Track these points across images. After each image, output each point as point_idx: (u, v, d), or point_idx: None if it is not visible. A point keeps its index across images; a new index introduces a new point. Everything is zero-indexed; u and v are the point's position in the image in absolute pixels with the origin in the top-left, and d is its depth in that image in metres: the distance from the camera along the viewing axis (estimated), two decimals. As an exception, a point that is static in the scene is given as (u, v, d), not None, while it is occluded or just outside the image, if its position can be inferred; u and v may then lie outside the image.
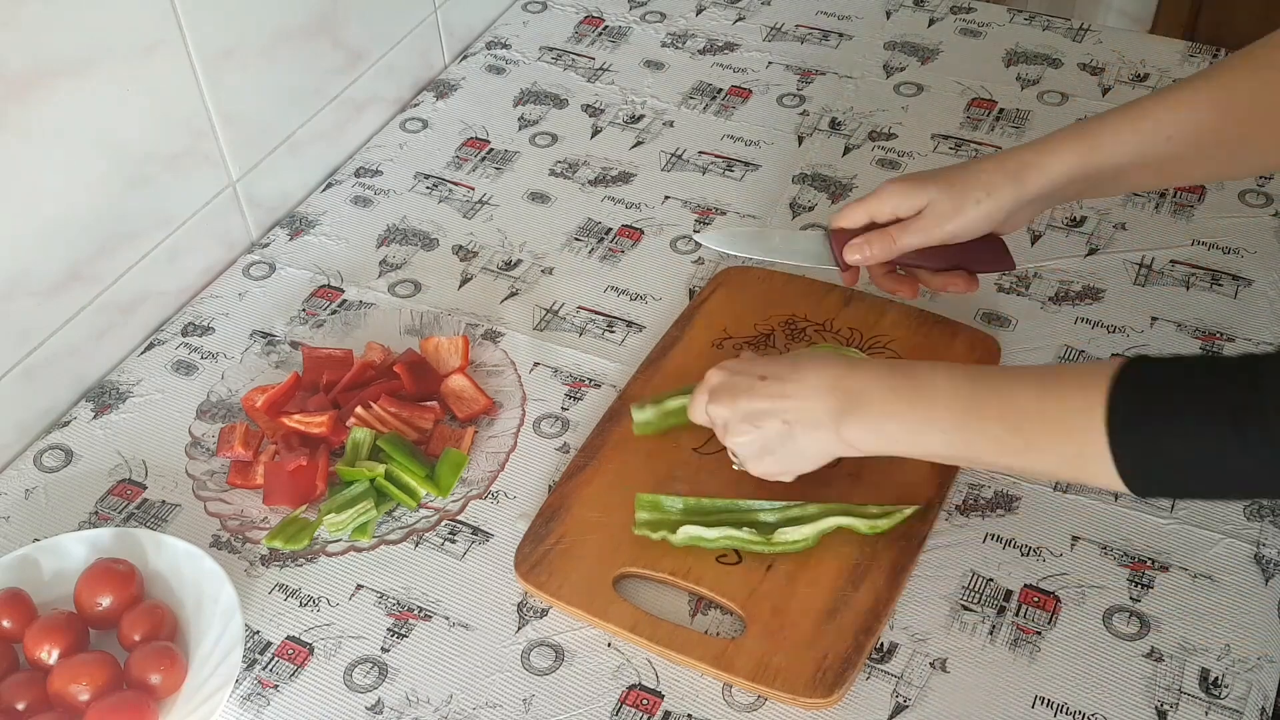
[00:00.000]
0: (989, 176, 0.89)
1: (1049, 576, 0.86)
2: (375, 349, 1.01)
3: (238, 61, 1.08)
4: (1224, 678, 0.80)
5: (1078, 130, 0.88)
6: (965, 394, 0.78)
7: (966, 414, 0.78)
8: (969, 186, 0.89)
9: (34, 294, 0.96)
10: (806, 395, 0.82)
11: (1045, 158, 0.88)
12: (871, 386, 0.81)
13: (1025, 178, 0.88)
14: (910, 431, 0.80)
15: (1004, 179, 0.89)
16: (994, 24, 1.38)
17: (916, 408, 0.80)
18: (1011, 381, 0.78)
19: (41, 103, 0.91)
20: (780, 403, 0.83)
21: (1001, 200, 0.89)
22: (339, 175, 1.23)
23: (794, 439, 0.83)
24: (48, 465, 0.98)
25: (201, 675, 0.81)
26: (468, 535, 0.91)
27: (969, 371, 0.80)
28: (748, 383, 0.85)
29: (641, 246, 1.13)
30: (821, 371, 0.83)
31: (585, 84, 1.33)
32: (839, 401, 0.81)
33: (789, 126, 1.26)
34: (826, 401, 0.82)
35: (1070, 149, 0.88)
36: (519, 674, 0.83)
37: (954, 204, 0.89)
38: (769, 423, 0.83)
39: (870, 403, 0.81)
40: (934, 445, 0.80)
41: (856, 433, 0.81)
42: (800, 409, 0.82)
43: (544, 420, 0.99)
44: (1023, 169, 0.88)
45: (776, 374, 0.84)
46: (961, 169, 0.91)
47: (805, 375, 0.83)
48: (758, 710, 0.80)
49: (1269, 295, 1.05)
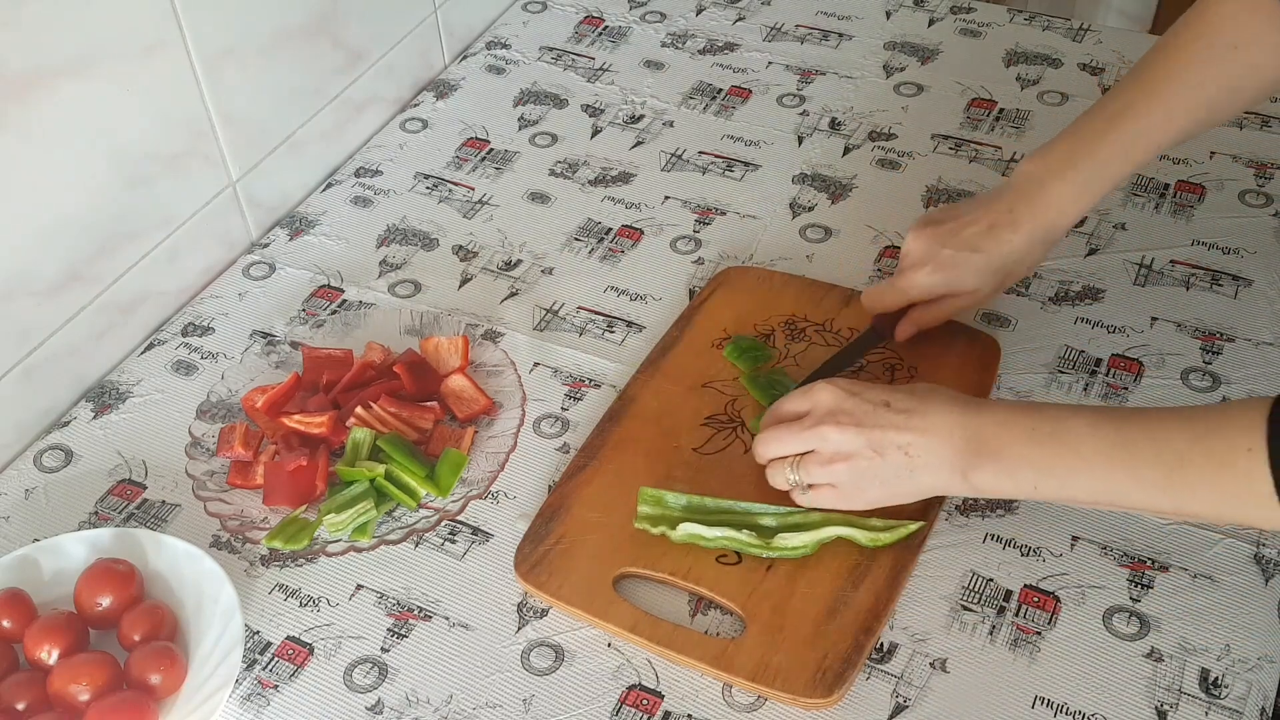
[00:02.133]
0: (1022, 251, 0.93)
1: (1049, 576, 0.86)
2: (375, 349, 1.01)
3: (238, 61, 1.08)
4: (1224, 678, 0.80)
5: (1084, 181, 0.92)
6: (1111, 438, 0.76)
7: (1113, 459, 0.76)
8: (1008, 266, 0.93)
9: (34, 294, 0.96)
10: (933, 432, 0.80)
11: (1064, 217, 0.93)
12: (1003, 429, 0.79)
13: (1051, 238, 0.94)
14: (1050, 477, 0.78)
15: (1035, 247, 0.93)
16: (994, 24, 1.38)
17: (1059, 453, 0.77)
18: (1159, 424, 0.76)
19: (41, 103, 0.91)
20: (904, 434, 0.80)
21: (1036, 262, 0.95)
22: (339, 175, 1.23)
23: (913, 475, 0.81)
24: (48, 465, 0.98)
25: (201, 675, 0.81)
26: (468, 535, 0.91)
27: (1107, 414, 0.78)
28: (872, 407, 0.82)
29: (641, 246, 1.13)
30: (947, 409, 0.81)
31: (585, 84, 1.33)
32: (967, 443, 0.79)
33: (789, 126, 1.26)
34: (954, 442, 0.80)
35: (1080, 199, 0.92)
36: (519, 674, 0.83)
37: (999, 283, 0.94)
38: (892, 453, 0.81)
39: (1002, 446, 0.79)
40: (1077, 491, 0.78)
41: (986, 477, 0.79)
42: (925, 445, 0.80)
43: (544, 420, 0.99)
44: (1048, 233, 0.93)
45: (901, 403, 0.82)
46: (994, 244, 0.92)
47: (931, 411, 0.81)
48: (758, 710, 0.80)
49: (1269, 295, 1.05)
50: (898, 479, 0.82)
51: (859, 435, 0.81)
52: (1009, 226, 0.92)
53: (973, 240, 0.93)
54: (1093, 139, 0.92)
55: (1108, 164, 0.92)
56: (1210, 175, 1.16)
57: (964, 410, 0.81)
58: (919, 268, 0.94)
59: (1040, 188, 0.92)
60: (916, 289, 0.94)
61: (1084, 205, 0.93)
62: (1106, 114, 0.92)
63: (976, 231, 0.93)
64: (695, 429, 0.95)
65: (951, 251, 0.93)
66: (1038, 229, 0.92)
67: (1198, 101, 0.91)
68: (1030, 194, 0.93)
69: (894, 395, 0.83)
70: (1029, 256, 0.94)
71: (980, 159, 1.20)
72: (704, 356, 1.01)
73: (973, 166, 1.19)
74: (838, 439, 0.82)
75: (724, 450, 0.94)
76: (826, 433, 0.82)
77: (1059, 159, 0.93)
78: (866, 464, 0.82)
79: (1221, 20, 0.89)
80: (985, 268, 0.93)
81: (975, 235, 0.93)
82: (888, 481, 0.82)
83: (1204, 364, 0.99)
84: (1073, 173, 0.92)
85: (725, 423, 0.96)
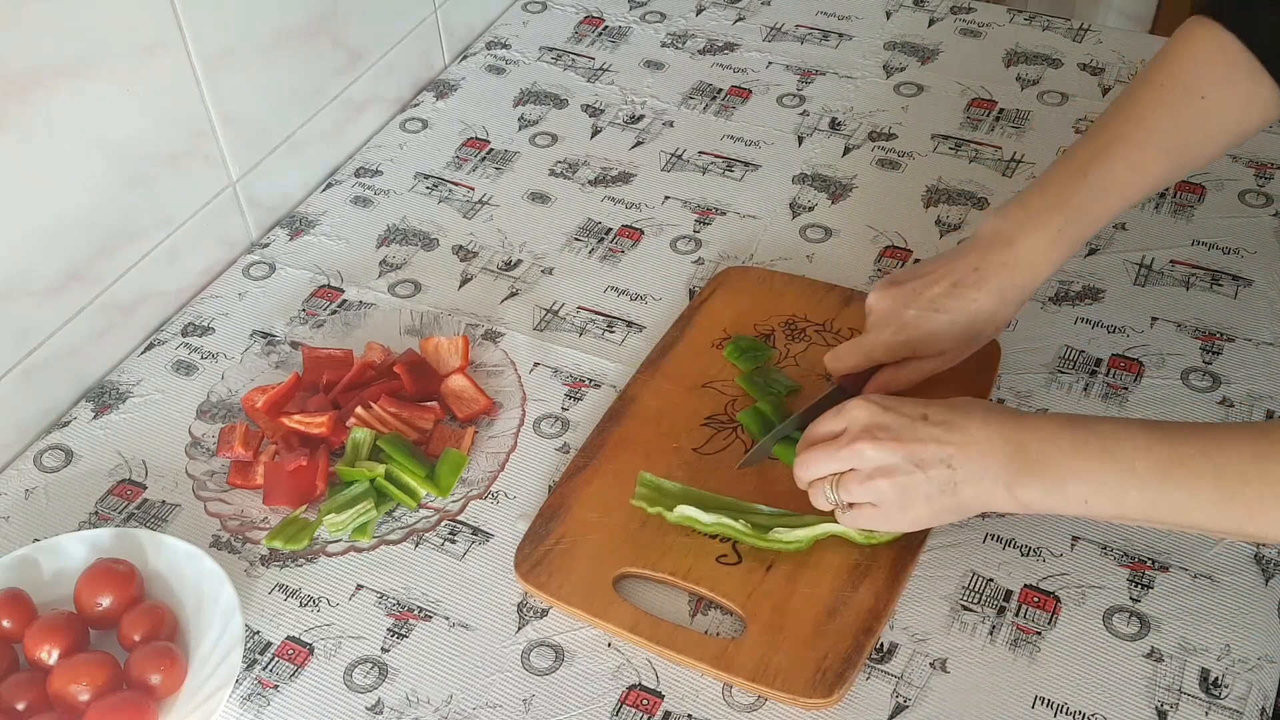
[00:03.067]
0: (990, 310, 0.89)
1: (1049, 576, 0.86)
2: (375, 349, 1.01)
3: (238, 61, 1.08)
4: (1224, 678, 0.80)
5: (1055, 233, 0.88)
6: (1167, 455, 0.74)
7: (1169, 477, 0.74)
8: (975, 326, 0.89)
9: (34, 294, 0.96)
10: (975, 445, 0.78)
11: (1035, 272, 0.89)
12: (1051, 444, 0.77)
13: (1021, 296, 0.90)
14: (1102, 493, 0.76)
15: (1003, 306, 0.89)
16: (994, 24, 1.38)
17: (1110, 469, 0.75)
18: (1218, 442, 0.74)
19: (41, 103, 0.91)
20: (945, 448, 0.78)
21: (1004, 321, 0.91)
22: (339, 175, 1.23)
23: (957, 491, 0.78)
24: (48, 465, 0.98)
25: (201, 675, 0.81)
26: (468, 535, 0.91)
27: (1162, 429, 0.76)
28: (909, 421, 0.79)
29: (641, 247, 1.13)
30: (988, 421, 0.79)
31: (585, 84, 1.33)
32: (1012, 457, 0.77)
33: (789, 126, 1.26)
34: (998, 456, 0.77)
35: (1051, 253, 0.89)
36: (519, 674, 0.83)
37: (966, 344, 0.91)
38: (933, 467, 0.78)
39: (1051, 461, 0.76)
40: (1130, 508, 0.76)
41: (1034, 493, 0.77)
42: (968, 459, 0.78)
43: (544, 420, 0.99)
44: (1018, 291, 0.89)
45: (939, 416, 0.79)
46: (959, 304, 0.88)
47: (971, 424, 0.79)
48: (758, 710, 0.80)
49: (1269, 295, 1.05)
50: (941, 494, 0.79)
51: (897, 450, 0.79)
52: (974, 285, 0.88)
53: (937, 300, 0.88)
54: (1063, 189, 0.89)
55: (1080, 213, 0.89)
56: (1210, 175, 1.16)
57: (1006, 422, 0.78)
58: (882, 328, 0.90)
59: (1007, 244, 0.88)
60: (880, 350, 0.90)
61: (1056, 259, 0.89)
62: (1074, 165, 0.89)
63: (940, 291, 0.89)
64: (695, 429, 0.95)
65: (916, 312, 0.89)
66: (1006, 286, 0.89)
67: (1167, 147, 0.89)
68: (998, 251, 0.89)
69: (931, 408, 0.80)
70: (997, 315, 0.89)
71: (980, 159, 1.20)
72: (704, 356, 1.01)
73: (973, 166, 1.19)
74: (875, 455, 0.79)
75: (724, 450, 0.94)
76: (863, 449, 0.80)
77: (1027, 213, 0.89)
78: (907, 479, 0.79)
79: (1192, 66, 0.88)
80: (949, 329, 0.89)
81: (939, 295, 0.89)
82: (931, 497, 0.79)
83: (1204, 364, 0.99)
84: (1044, 226, 0.88)
85: (725, 423, 0.96)
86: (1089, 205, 0.89)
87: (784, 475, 0.91)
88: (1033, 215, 0.89)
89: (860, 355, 0.91)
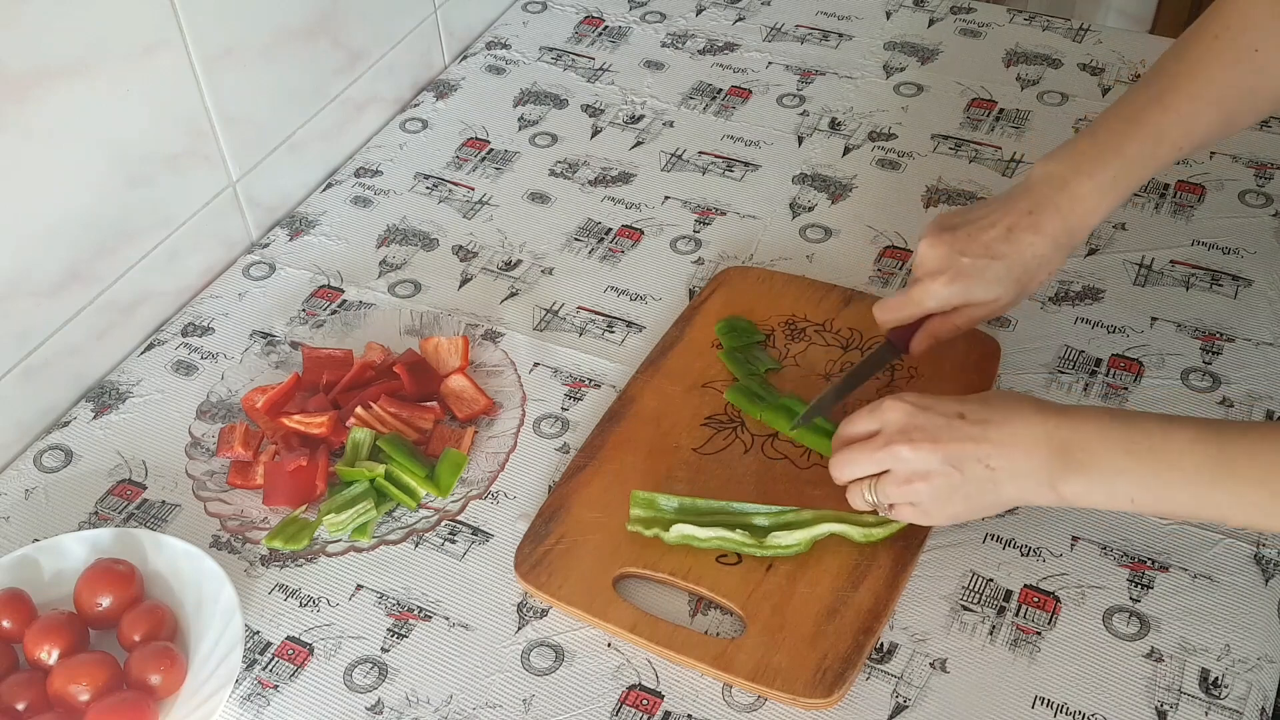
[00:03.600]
0: (1045, 255, 0.87)
1: (1049, 576, 0.86)
2: (375, 349, 1.01)
3: (238, 61, 1.08)
4: (1224, 678, 0.80)
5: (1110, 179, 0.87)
6: (1214, 455, 0.74)
7: (1216, 479, 0.74)
8: (1030, 272, 0.88)
9: (34, 294, 0.96)
10: (1015, 443, 0.77)
11: (1089, 218, 0.87)
12: (1095, 440, 0.76)
13: (1073, 241, 0.88)
14: (1147, 491, 0.76)
15: (1057, 251, 0.88)
16: (994, 24, 1.38)
17: (1157, 468, 0.75)
18: (1265, 443, 0.73)
19: (41, 103, 0.91)
20: (983, 447, 0.78)
21: (1056, 268, 0.89)
22: (339, 175, 1.23)
23: (997, 488, 0.78)
24: (48, 465, 0.98)
25: (201, 675, 0.81)
26: (468, 535, 0.91)
27: (1208, 428, 0.75)
28: (945, 421, 0.79)
29: (641, 247, 1.13)
30: (1027, 417, 0.78)
31: (585, 84, 1.33)
32: (1055, 454, 0.77)
33: (789, 126, 1.26)
34: (1039, 453, 0.77)
35: (1105, 199, 0.87)
36: (519, 674, 0.83)
37: (1019, 291, 0.89)
38: (972, 467, 0.78)
39: (1096, 458, 0.76)
40: (1175, 507, 0.77)
41: (1078, 489, 0.77)
42: (1008, 456, 0.77)
43: (544, 420, 0.99)
44: (1071, 235, 0.88)
45: (975, 414, 0.79)
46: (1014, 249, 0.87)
47: (1010, 421, 0.78)
48: (757, 710, 0.80)
49: (1269, 295, 1.05)
50: (980, 493, 0.79)
51: (935, 452, 0.78)
52: (1031, 229, 0.86)
53: (992, 246, 0.87)
54: (1117, 136, 0.87)
55: (1134, 161, 0.87)
56: (1210, 175, 1.16)
57: (1047, 418, 0.78)
58: (935, 277, 0.88)
59: (1063, 187, 0.87)
60: (933, 300, 0.88)
61: (1110, 204, 0.87)
62: (1128, 112, 0.88)
63: (995, 236, 0.87)
64: (695, 429, 0.95)
65: (970, 260, 0.87)
66: (1061, 231, 0.87)
67: (1218, 100, 0.88)
68: (1052, 194, 0.87)
69: (967, 406, 0.79)
70: (1050, 261, 0.88)
71: (980, 159, 1.20)
72: (704, 357, 1.01)
73: (973, 166, 1.19)
74: (912, 458, 0.79)
75: (723, 450, 0.94)
76: (901, 451, 0.79)
77: (1082, 157, 0.88)
78: (945, 481, 0.79)
79: (1243, 21, 0.87)
80: (1006, 275, 0.87)
81: (994, 240, 0.87)
82: (970, 497, 0.79)
83: (1204, 364, 0.99)
84: (1099, 170, 0.86)
85: (725, 423, 0.96)
86: (1142, 154, 0.87)
87: (783, 474, 0.92)
88: (1087, 160, 0.87)
89: (911, 306, 0.90)
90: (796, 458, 0.93)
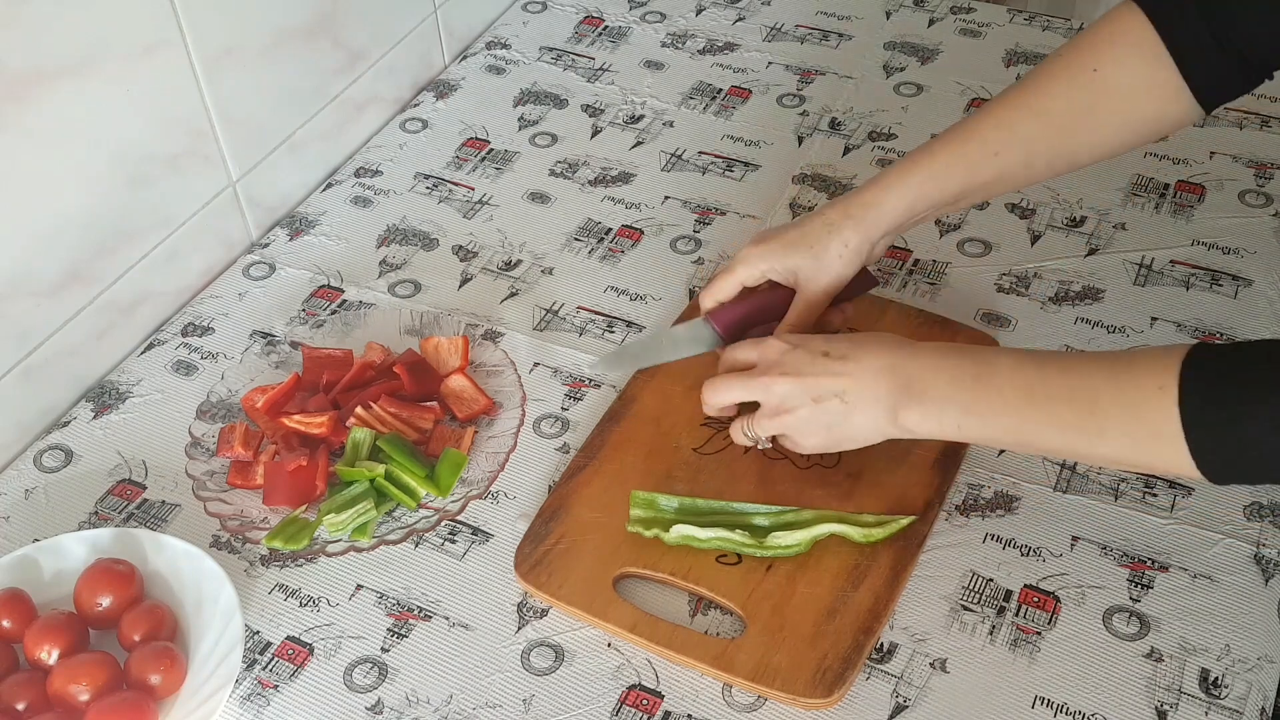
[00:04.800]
0: (840, 229, 0.91)
1: (1049, 576, 0.86)
2: (375, 349, 1.01)
3: (238, 61, 1.08)
4: (1224, 678, 0.80)
5: (912, 163, 0.91)
6: (1032, 378, 0.77)
7: (1032, 398, 0.77)
8: (827, 243, 0.91)
9: (34, 294, 0.96)
10: (865, 375, 0.82)
11: (885, 196, 0.91)
12: (930, 371, 0.81)
13: (870, 220, 0.91)
14: (971, 416, 0.79)
15: (853, 227, 0.91)
16: (994, 24, 1.38)
17: (979, 394, 0.79)
18: (1080, 365, 0.77)
19: (41, 103, 0.91)
20: (840, 380, 0.82)
21: (858, 246, 0.92)
22: (339, 175, 1.23)
23: (849, 418, 0.83)
24: (48, 465, 0.98)
25: (201, 675, 0.81)
26: (468, 535, 0.91)
27: (1033, 356, 0.79)
28: (811, 358, 0.84)
29: (641, 246, 1.13)
30: (880, 353, 0.83)
31: (585, 84, 1.33)
32: (897, 385, 0.81)
33: (789, 126, 1.26)
34: (885, 384, 0.81)
35: (906, 185, 0.91)
36: (519, 674, 0.83)
37: (819, 263, 0.91)
38: (829, 401, 0.83)
39: (929, 387, 0.80)
40: (996, 431, 0.80)
41: (914, 418, 0.81)
42: (859, 389, 0.82)
43: (544, 420, 0.99)
44: (866, 212, 0.91)
45: (839, 351, 0.84)
46: (812, 226, 0.91)
47: (865, 355, 0.83)
48: (758, 710, 0.80)
49: (1269, 295, 1.05)
50: (837, 424, 0.83)
51: (798, 384, 0.83)
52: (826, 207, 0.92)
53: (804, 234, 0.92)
54: (933, 145, 0.91)
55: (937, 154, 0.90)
56: (1210, 175, 1.16)
57: (896, 352, 0.82)
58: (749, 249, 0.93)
59: (862, 191, 0.92)
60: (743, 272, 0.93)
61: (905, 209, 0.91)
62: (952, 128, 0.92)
63: (798, 222, 0.93)
64: (695, 429, 0.95)
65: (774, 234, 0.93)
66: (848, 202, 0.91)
67: (1042, 110, 0.89)
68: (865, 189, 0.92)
69: (833, 344, 0.84)
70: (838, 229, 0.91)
71: (980, 159, 1.20)
72: (704, 357, 1.01)
73: (973, 166, 1.19)
74: (781, 391, 0.84)
75: (723, 450, 0.94)
76: (770, 384, 0.84)
77: (892, 167, 0.92)
78: (807, 412, 0.83)
79: (1095, 41, 0.88)
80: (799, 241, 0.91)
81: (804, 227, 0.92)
82: (830, 427, 0.83)
83: (1204, 364, 0.99)
84: (904, 178, 0.91)
85: (725, 423, 0.96)
86: (951, 149, 0.91)
87: (783, 474, 0.92)
88: (895, 169, 0.92)
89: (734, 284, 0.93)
90: (797, 457, 0.92)
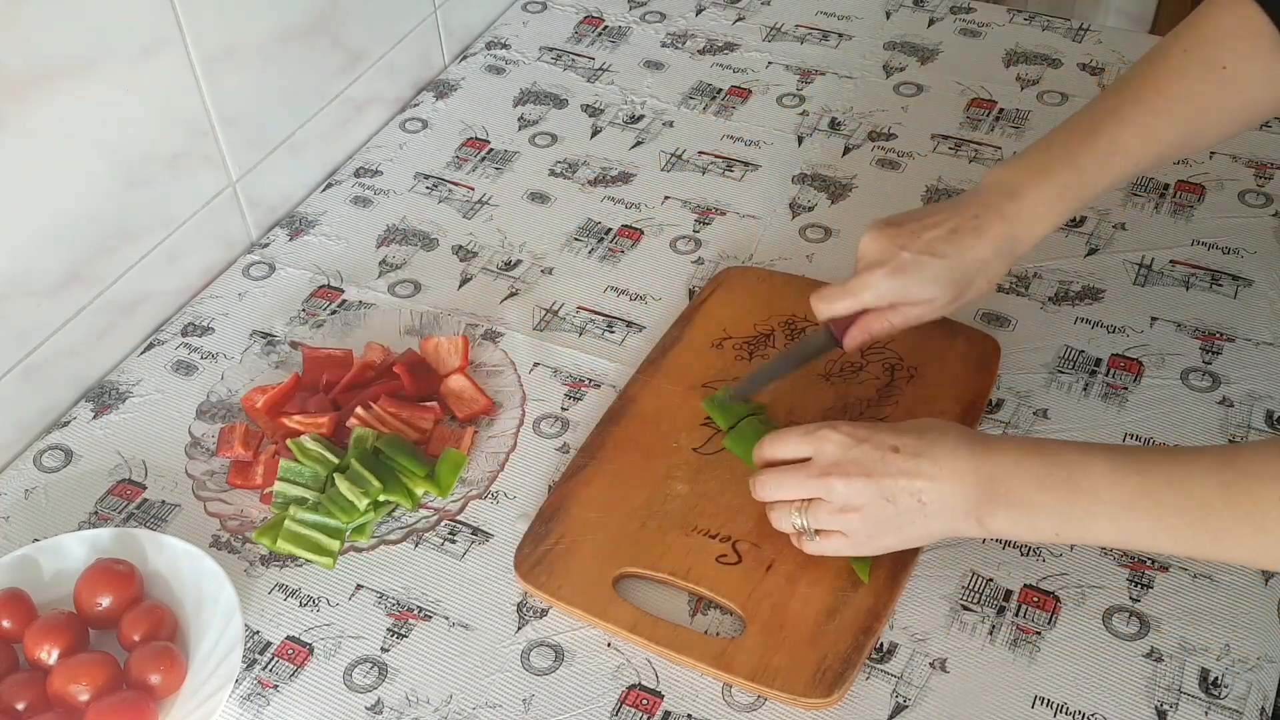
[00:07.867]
0: (992, 266, 0.88)
1: (1049, 576, 0.86)
2: (375, 349, 1.01)
3: (238, 61, 1.08)
4: (1224, 678, 0.80)
5: (1060, 189, 0.87)
6: (1133, 484, 0.73)
7: (1135, 506, 0.73)
8: (978, 284, 0.88)
9: (34, 294, 0.96)
10: (944, 477, 0.78)
11: (1036, 227, 0.88)
12: (1013, 473, 0.77)
13: (1016, 250, 0.89)
14: (1070, 523, 0.76)
15: (999, 258, 0.88)
16: (994, 24, 1.38)
17: (1075, 501, 0.75)
18: (1183, 469, 0.73)
19: (41, 103, 0.91)
20: (915, 481, 0.78)
21: (997, 276, 0.90)
22: (339, 175, 1.23)
23: (926, 520, 0.79)
24: (48, 465, 0.98)
25: (201, 675, 0.81)
26: (468, 535, 0.91)
27: (1127, 456, 0.75)
28: (880, 455, 0.79)
29: (641, 246, 1.13)
30: (957, 452, 0.78)
31: (585, 84, 1.33)
32: (981, 489, 0.77)
33: (789, 126, 1.26)
34: (966, 487, 0.77)
35: (1053, 209, 0.88)
36: (519, 674, 0.83)
37: (957, 294, 0.88)
38: (904, 500, 0.78)
39: (1014, 490, 0.76)
40: (1100, 535, 0.77)
41: (1001, 523, 0.77)
42: (937, 490, 0.78)
43: (544, 420, 0.99)
44: (1014, 244, 0.88)
45: (910, 448, 0.79)
46: (963, 261, 0.87)
47: (941, 455, 0.78)
48: (757, 710, 0.80)
49: (1269, 295, 1.05)
50: (911, 525, 0.79)
51: (869, 486, 0.79)
52: (973, 232, 0.87)
53: (933, 244, 0.87)
54: (1071, 147, 0.88)
55: (1086, 173, 0.87)
56: (1210, 175, 1.16)
57: (974, 452, 0.78)
58: (874, 270, 0.88)
59: (1011, 195, 0.87)
60: (869, 292, 0.88)
61: (1058, 215, 0.88)
62: (1085, 123, 0.88)
63: (937, 235, 0.87)
64: (695, 429, 0.95)
65: (910, 255, 0.87)
66: (1003, 239, 0.87)
67: (1181, 116, 0.87)
68: (999, 201, 0.88)
69: (901, 438, 0.79)
70: (990, 267, 0.88)
71: (980, 159, 1.20)
72: (704, 357, 1.01)
73: (973, 166, 1.19)
74: (846, 491, 0.79)
75: (723, 450, 0.94)
76: (834, 485, 0.79)
77: (1034, 166, 0.88)
78: (878, 512, 0.79)
79: (1216, 37, 0.86)
80: (944, 275, 0.87)
81: (936, 239, 0.87)
82: (901, 529, 0.80)
83: (1204, 364, 0.99)
84: (1049, 180, 0.87)
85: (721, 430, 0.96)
86: (1095, 166, 0.87)
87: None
88: (1037, 170, 0.88)
89: (849, 297, 0.89)
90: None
